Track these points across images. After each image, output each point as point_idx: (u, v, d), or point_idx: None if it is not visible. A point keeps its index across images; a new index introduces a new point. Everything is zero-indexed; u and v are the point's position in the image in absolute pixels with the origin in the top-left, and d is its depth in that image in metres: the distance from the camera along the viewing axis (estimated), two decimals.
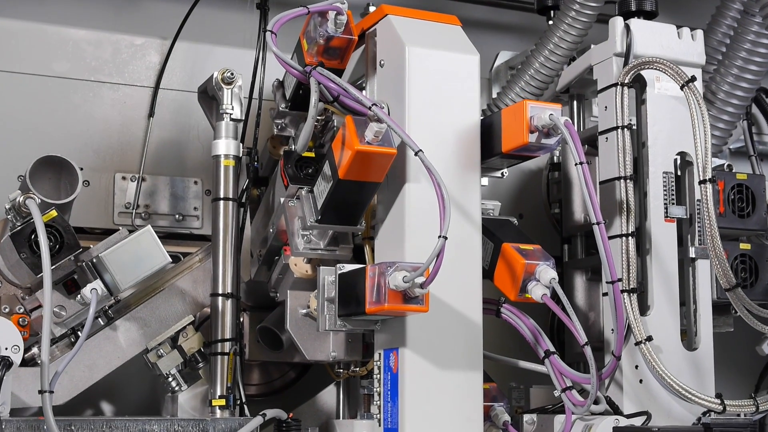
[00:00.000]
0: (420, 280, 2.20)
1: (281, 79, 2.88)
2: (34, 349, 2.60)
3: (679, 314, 2.78)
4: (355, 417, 3.01)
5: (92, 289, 2.28)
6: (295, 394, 3.11)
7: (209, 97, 2.76)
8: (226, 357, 2.57)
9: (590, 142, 3.06)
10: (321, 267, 2.57)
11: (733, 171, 2.96)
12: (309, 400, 3.01)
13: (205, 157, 3.06)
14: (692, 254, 2.81)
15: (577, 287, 3.08)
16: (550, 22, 3.27)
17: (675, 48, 2.86)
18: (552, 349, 2.51)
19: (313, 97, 2.38)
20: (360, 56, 2.77)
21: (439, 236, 2.17)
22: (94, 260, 2.36)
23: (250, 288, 2.94)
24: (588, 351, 2.40)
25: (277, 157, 2.90)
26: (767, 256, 2.92)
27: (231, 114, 2.67)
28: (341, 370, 2.79)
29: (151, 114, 3.07)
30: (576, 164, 2.38)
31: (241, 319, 2.87)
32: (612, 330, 2.67)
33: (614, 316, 2.44)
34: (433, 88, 2.51)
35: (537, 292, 2.45)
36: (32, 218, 2.32)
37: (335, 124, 2.81)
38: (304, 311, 2.68)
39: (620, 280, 2.49)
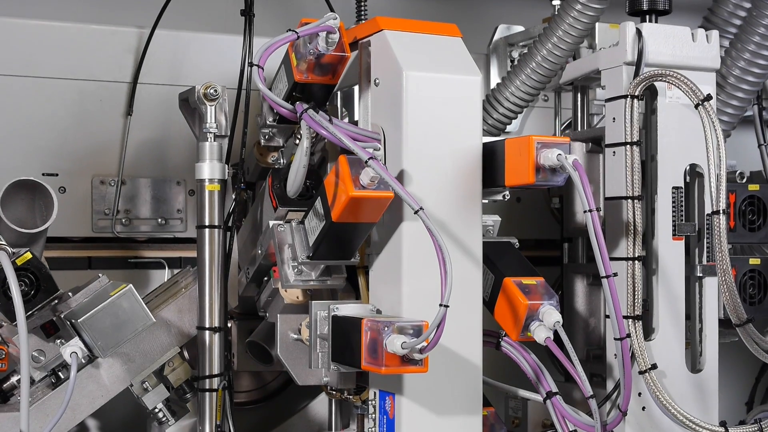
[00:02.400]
0: (420, 345, 2.08)
1: (270, 86, 2.71)
2: (13, 379, 2.50)
3: (684, 332, 2.69)
4: (347, 426, 2.94)
5: (72, 353, 2.15)
6: (288, 399, 3.01)
7: (191, 108, 2.58)
8: (214, 393, 2.46)
9: (595, 141, 2.91)
10: (313, 302, 2.44)
11: (745, 180, 2.81)
12: (300, 411, 2.93)
13: (187, 156, 2.90)
14: (699, 272, 2.69)
15: (577, 292, 2.97)
16: (555, 2, 3.07)
17: (689, 53, 2.68)
18: (555, 389, 2.41)
19: (305, 143, 2.21)
20: (353, 61, 2.57)
21: (440, 305, 2.04)
22: (73, 322, 2.21)
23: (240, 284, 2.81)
24: (593, 404, 2.30)
25: (265, 165, 2.74)
26: None
27: (215, 133, 2.50)
28: (334, 392, 2.69)
29: (129, 112, 2.88)
30: (585, 211, 2.23)
31: (229, 325, 2.77)
32: (615, 355, 2.57)
33: (622, 372, 2.33)
34: (433, 114, 2.34)
35: (540, 334, 2.34)
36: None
37: None
38: (296, 336, 2.57)
39: (629, 335, 2.37)
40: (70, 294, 2.28)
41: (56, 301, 2.29)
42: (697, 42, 2.69)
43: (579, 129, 2.98)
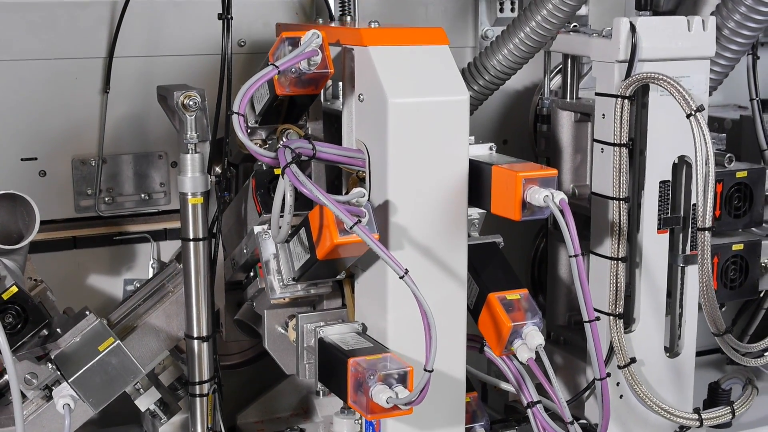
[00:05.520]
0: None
1: None
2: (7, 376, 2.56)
3: (664, 321, 2.74)
4: None
5: (65, 405, 2.19)
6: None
7: (171, 108, 2.51)
8: (205, 398, 2.53)
9: (584, 112, 2.86)
10: (299, 315, 2.48)
11: (734, 163, 2.76)
12: (290, 376, 3.00)
13: (167, 128, 2.82)
14: (681, 262, 2.71)
15: (561, 260, 2.99)
16: None
17: (684, 44, 2.59)
18: (536, 398, 2.48)
19: (288, 197, 2.16)
20: (336, 56, 2.48)
21: (425, 369, 2.07)
22: (62, 373, 2.22)
23: (226, 268, 2.83)
24: (574, 429, 2.38)
25: (246, 152, 2.69)
26: (758, 252, 2.81)
27: (196, 145, 2.44)
28: None
29: (105, 89, 2.79)
30: (570, 256, 2.22)
31: None
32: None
33: (601, 408, 2.39)
34: (419, 139, 2.28)
35: (523, 354, 2.38)
36: None
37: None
38: (283, 331, 2.61)
39: (609, 375, 2.41)
40: (58, 330, 2.29)
41: (45, 332, 2.30)
42: (692, 31, 2.59)
43: (568, 98, 2.91)
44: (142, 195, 2.89)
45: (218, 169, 2.79)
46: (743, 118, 3.32)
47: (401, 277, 2.07)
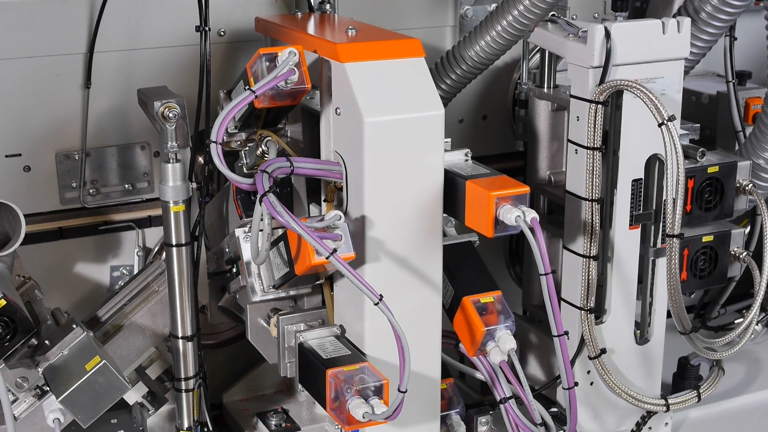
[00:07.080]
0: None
1: (230, 90, 2.66)
2: None
3: (635, 311, 2.83)
4: None
5: (55, 419, 2.28)
6: None
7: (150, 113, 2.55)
8: (191, 393, 2.63)
9: (561, 104, 2.89)
10: (281, 317, 2.56)
11: (705, 157, 2.81)
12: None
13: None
14: (652, 255, 2.79)
15: None
16: None
17: (659, 47, 2.61)
18: (508, 395, 2.58)
19: (266, 228, 2.22)
20: (313, 63, 2.51)
21: (399, 390, 2.16)
22: (51, 388, 2.31)
23: (210, 262, 2.90)
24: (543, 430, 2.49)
25: (228, 148, 2.73)
26: (728, 242, 2.89)
27: (177, 153, 2.48)
28: None
29: (87, 84, 2.81)
30: (540, 275, 2.29)
31: None
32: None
33: (569, 415, 2.49)
34: (395, 155, 2.34)
35: (495, 357, 2.48)
36: None
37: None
38: (265, 325, 2.69)
39: (577, 384, 2.50)
40: (47, 342, 2.38)
41: (34, 341, 2.39)
42: (667, 34, 2.61)
43: (545, 88, 2.93)
44: (126, 185, 2.94)
45: (201, 159, 2.86)
46: (720, 95, 3.36)
47: (376, 304, 2.15)
